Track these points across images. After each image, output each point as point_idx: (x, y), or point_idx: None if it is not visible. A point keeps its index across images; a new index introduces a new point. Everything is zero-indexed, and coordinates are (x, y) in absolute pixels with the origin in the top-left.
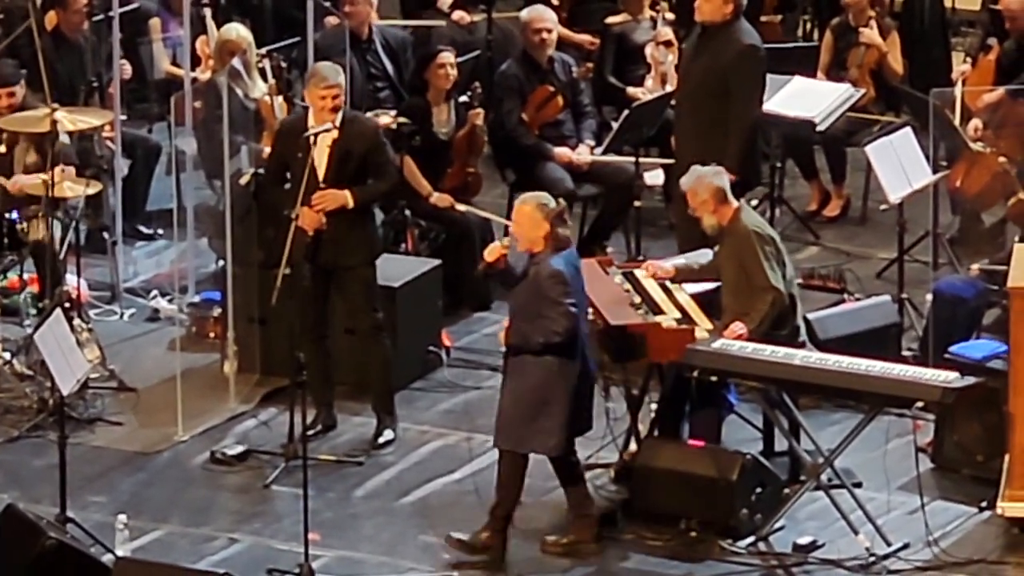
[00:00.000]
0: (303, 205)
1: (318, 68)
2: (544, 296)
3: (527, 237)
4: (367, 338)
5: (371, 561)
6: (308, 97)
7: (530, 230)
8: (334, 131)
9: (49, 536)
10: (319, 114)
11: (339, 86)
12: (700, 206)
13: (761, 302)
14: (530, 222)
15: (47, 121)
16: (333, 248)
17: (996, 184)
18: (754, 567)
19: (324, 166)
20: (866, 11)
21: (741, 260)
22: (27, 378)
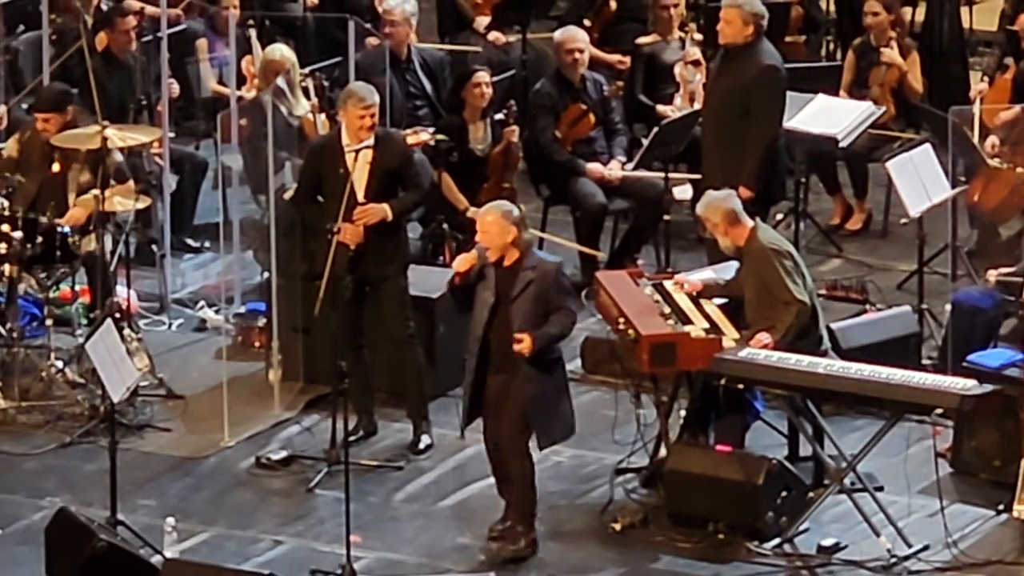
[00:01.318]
0: (343, 221)
1: (354, 89)
2: (559, 290)
3: (497, 244)
4: (401, 347)
5: (410, 562)
6: (345, 116)
7: (499, 237)
8: (369, 150)
9: (100, 538)
10: (355, 132)
11: (375, 105)
12: (713, 229)
13: (786, 314)
14: (499, 229)
15: (98, 138)
16: (370, 260)
17: (1013, 198)
18: (780, 568)
19: (364, 183)
20: (887, 32)
21: (762, 278)
22: (79, 386)
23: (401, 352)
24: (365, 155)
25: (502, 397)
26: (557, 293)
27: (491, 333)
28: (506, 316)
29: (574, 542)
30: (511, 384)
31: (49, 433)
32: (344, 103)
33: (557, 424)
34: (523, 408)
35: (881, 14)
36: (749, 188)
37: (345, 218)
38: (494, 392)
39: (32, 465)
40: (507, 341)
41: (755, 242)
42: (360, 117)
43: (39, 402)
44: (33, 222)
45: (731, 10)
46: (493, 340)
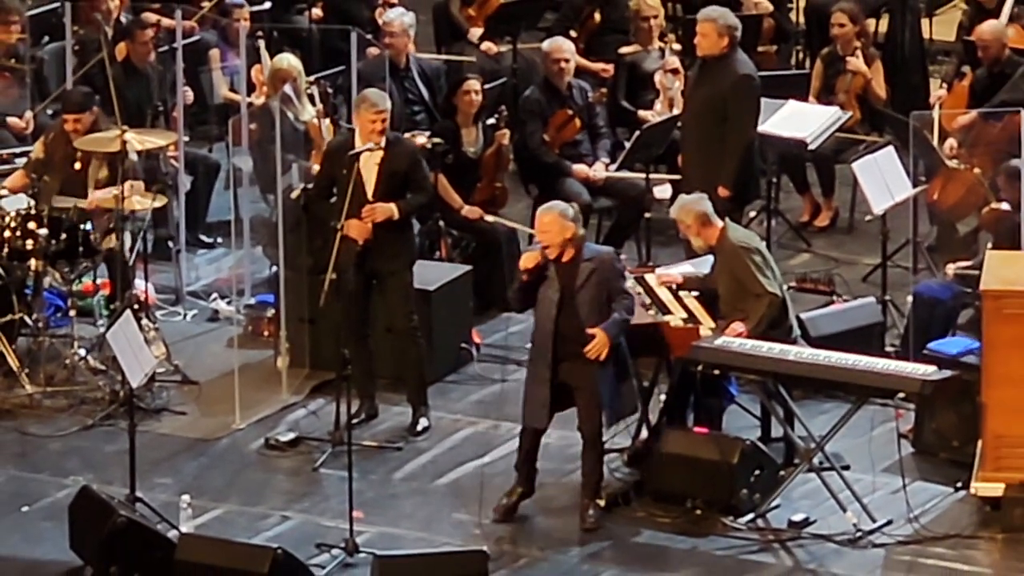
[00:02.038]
0: (351, 218)
1: (367, 95)
2: (617, 276)
3: (557, 242)
4: (404, 337)
5: (409, 536)
6: (357, 120)
7: (559, 234)
8: (380, 151)
9: (120, 514)
10: (367, 136)
11: (386, 111)
12: (686, 230)
13: (759, 305)
14: (558, 227)
15: (118, 141)
16: (378, 255)
17: (970, 197)
18: (753, 542)
19: (373, 183)
20: (852, 42)
21: (734, 274)
22: (100, 372)
23: (404, 342)
24: (375, 156)
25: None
26: (616, 279)
27: (560, 326)
28: (573, 308)
29: (561, 517)
30: (583, 371)
31: (72, 416)
32: (358, 108)
33: (623, 401)
34: (594, 390)
35: (847, 25)
36: (727, 188)
37: (352, 215)
38: (572, 379)
39: (56, 446)
40: (576, 331)
41: (726, 241)
42: (372, 121)
43: (63, 387)
44: (57, 220)
45: (706, 24)
46: (561, 333)
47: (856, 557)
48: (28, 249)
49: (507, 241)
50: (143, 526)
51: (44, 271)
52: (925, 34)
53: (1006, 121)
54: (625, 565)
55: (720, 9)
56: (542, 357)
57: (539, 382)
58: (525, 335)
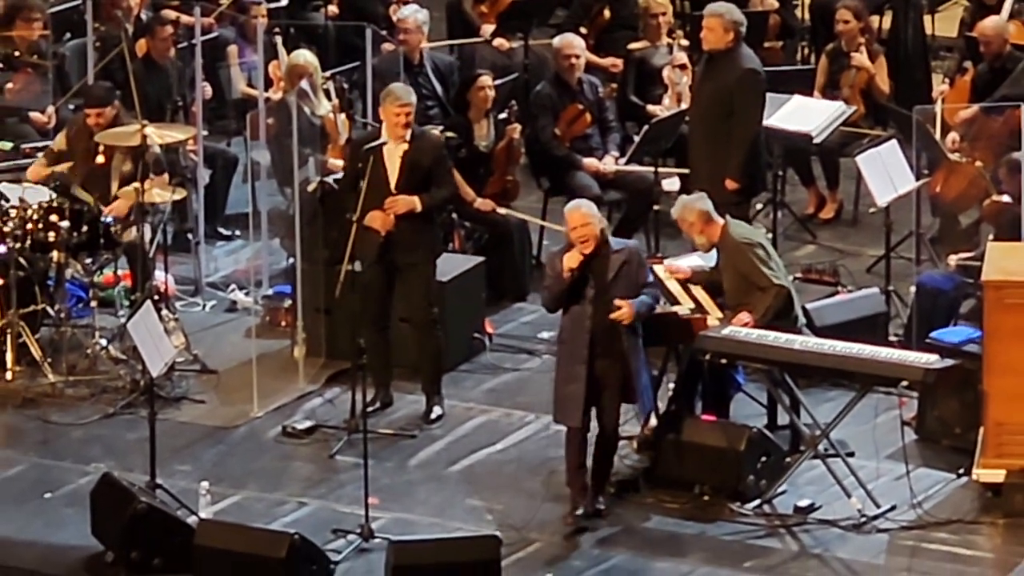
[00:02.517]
0: (372, 209)
1: (393, 89)
2: (643, 270)
3: (595, 234)
4: (423, 329)
5: (423, 522)
6: (383, 114)
7: (596, 226)
8: (404, 144)
9: (141, 500)
10: (392, 129)
11: (411, 104)
12: (689, 228)
13: (766, 297)
14: (594, 220)
15: (138, 136)
16: (399, 247)
17: (971, 189)
18: (760, 527)
19: (396, 176)
20: (857, 38)
21: (739, 269)
22: (121, 362)
23: (423, 334)
24: (399, 149)
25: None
26: (644, 268)
27: (596, 322)
28: (607, 302)
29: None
30: (613, 367)
31: (94, 405)
32: (384, 102)
33: (648, 396)
34: (625, 383)
35: (851, 22)
36: (735, 180)
37: (375, 207)
38: (605, 376)
39: (79, 434)
40: (611, 326)
41: (728, 238)
42: (396, 114)
43: (85, 376)
44: (79, 212)
45: (713, 19)
46: (598, 328)
47: (860, 542)
48: (50, 241)
49: (519, 233)
50: (163, 512)
51: (66, 263)
52: (928, 30)
53: (1007, 115)
54: (635, 550)
55: (726, 4)
56: (578, 355)
57: (574, 380)
58: (536, 325)
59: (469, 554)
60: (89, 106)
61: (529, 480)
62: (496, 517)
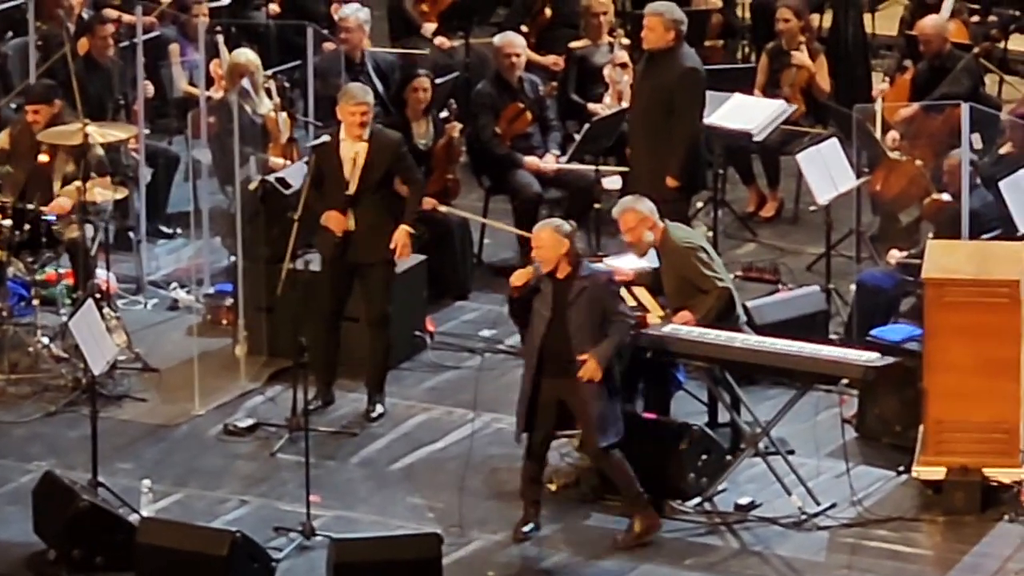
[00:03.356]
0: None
1: (350, 89)
2: (610, 300)
3: (550, 258)
4: (376, 327)
5: (365, 520)
6: (340, 113)
7: (552, 250)
8: (363, 144)
9: (83, 499)
10: (350, 129)
11: (367, 104)
12: (630, 232)
13: (708, 298)
14: (552, 243)
15: (80, 135)
16: (363, 247)
17: (912, 188)
18: (700, 524)
19: (356, 176)
20: (797, 36)
21: (680, 273)
22: (63, 360)
23: (375, 331)
24: (358, 149)
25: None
26: (611, 300)
27: (546, 342)
28: (562, 324)
29: (514, 501)
30: (573, 390)
31: (36, 403)
32: (340, 102)
33: (614, 425)
34: (592, 412)
35: (792, 20)
36: (675, 178)
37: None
38: (549, 397)
39: (21, 432)
40: (563, 349)
41: (669, 242)
42: (352, 114)
43: (27, 375)
44: (21, 211)
45: (653, 18)
46: (548, 348)
47: (801, 539)
48: None
49: (460, 231)
50: (105, 510)
51: (8, 261)
52: (868, 29)
53: (947, 114)
54: (575, 547)
55: (667, 3)
56: (528, 371)
57: (522, 395)
58: (478, 323)
59: (410, 552)
60: (29, 102)
61: (470, 478)
62: (437, 515)
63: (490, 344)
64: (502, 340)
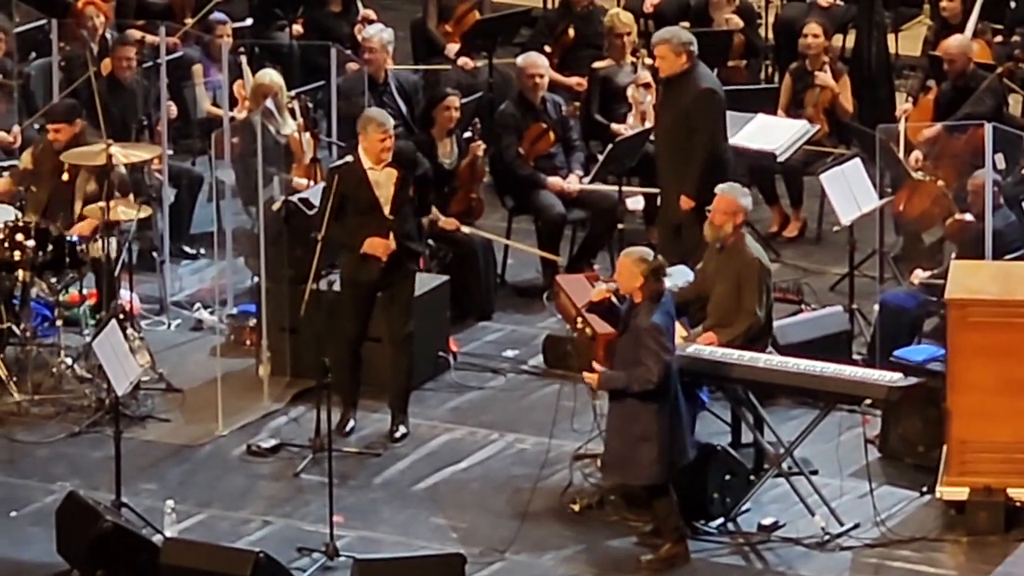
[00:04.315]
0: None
1: (372, 115)
2: (643, 345)
3: (625, 286)
4: (399, 345)
5: (388, 540)
6: (365, 141)
7: (627, 280)
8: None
9: (106, 519)
10: (377, 155)
11: (391, 128)
12: (723, 215)
13: (742, 322)
14: (628, 273)
15: (103, 155)
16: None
17: (935, 208)
18: (724, 545)
19: (390, 199)
20: (820, 57)
21: (739, 280)
22: (86, 380)
23: (398, 350)
24: (390, 174)
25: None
26: (643, 349)
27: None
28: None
29: (536, 522)
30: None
31: (59, 423)
32: (364, 129)
33: (632, 468)
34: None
35: (820, 37)
36: (690, 199)
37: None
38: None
39: (44, 453)
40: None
41: (744, 247)
42: (381, 140)
43: (50, 395)
44: (44, 231)
45: (662, 47)
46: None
47: (824, 560)
48: (16, 260)
49: (484, 251)
50: (128, 531)
51: (31, 282)
52: (891, 49)
53: (970, 134)
54: (598, 568)
55: (672, 29)
56: None
57: None
58: (501, 343)
59: (433, 572)
60: (51, 121)
61: (494, 498)
62: (460, 535)
63: (513, 364)
64: (525, 360)
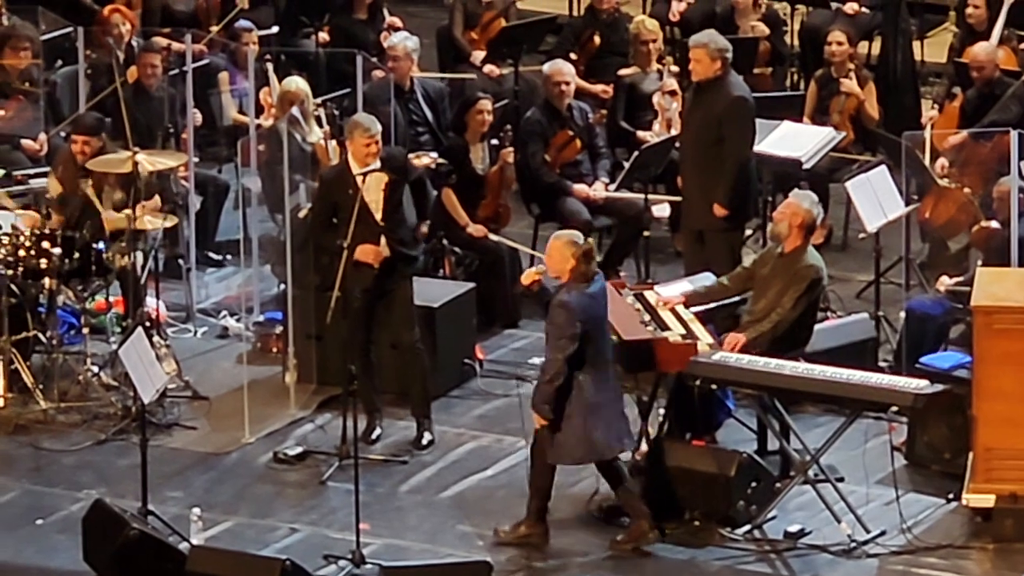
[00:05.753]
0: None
1: (358, 120)
2: (549, 321)
3: (555, 268)
4: (409, 352)
5: (414, 548)
6: (352, 145)
7: (558, 262)
8: (381, 175)
9: (132, 527)
10: (362, 159)
11: (378, 133)
12: (789, 219)
13: (770, 320)
14: (559, 255)
15: (130, 163)
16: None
17: (960, 215)
18: (750, 552)
19: (380, 205)
20: (846, 64)
21: (788, 283)
22: (113, 388)
23: (409, 356)
24: (379, 179)
25: None
26: (548, 324)
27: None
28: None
29: (563, 528)
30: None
31: (86, 431)
32: (351, 134)
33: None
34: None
35: (844, 44)
36: (724, 207)
37: (364, 240)
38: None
39: (70, 460)
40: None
41: (805, 255)
42: (366, 145)
43: (76, 403)
44: (71, 239)
45: (698, 50)
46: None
47: (851, 567)
48: (42, 268)
49: (510, 259)
50: (155, 538)
51: (58, 289)
52: (917, 56)
53: (996, 141)
54: (624, 574)
55: (710, 33)
56: None
57: None
58: (526, 351)
59: None
60: (77, 133)
61: (519, 505)
62: (487, 543)
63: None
64: None
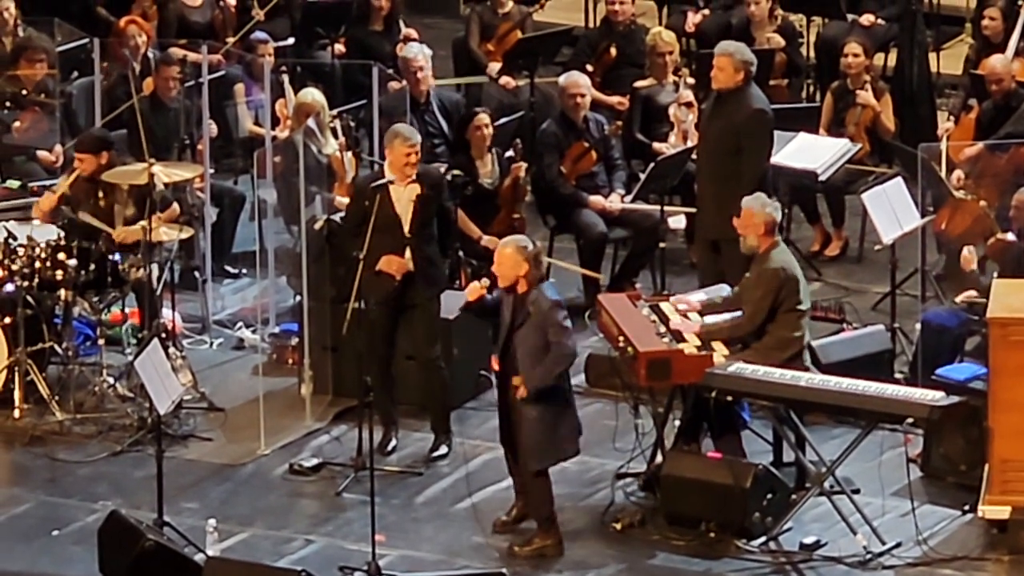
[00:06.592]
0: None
1: (399, 129)
2: (551, 324)
3: (507, 275)
4: (427, 366)
5: (430, 559)
6: (391, 154)
7: (510, 269)
8: (415, 186)
9: (148, 538)
10: (400, 169)
11: (418, 143)
12: (750, 227)
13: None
14: (511, 262)
15: (145, 174)
16: (411, 286)
17: (976, 226)
18: (765, 564)
19: (409, 218)
20: (862, 75)
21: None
22: (128, 400)
23: (428, 370)
24: (411, 191)
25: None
26: (551, 328)
27: (501, 354)
28: (510, 343)
29: (578, 541)
30: (514, 409)
31: (101, 442)
32: (391, 142)
33: (550, 450)
34: (526, 437)
35: (861, 56)
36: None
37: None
38: (504, 405)
39: (86, 472)
40: (509, 365)
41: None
42: (407, 154)
43: (92, 414)
44: (86, 250)
45: (724, 58)
46: (503, 364)
47: None
48: (58, 279)
49: None
50: (171, 550)
51: (74, 301)
52: (933, 68)
53: (1012, 153)
54: None
55: (737, 44)
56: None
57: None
58: None
59: None
60: (77, 149)
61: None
62: (502, 554)
63: None
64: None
